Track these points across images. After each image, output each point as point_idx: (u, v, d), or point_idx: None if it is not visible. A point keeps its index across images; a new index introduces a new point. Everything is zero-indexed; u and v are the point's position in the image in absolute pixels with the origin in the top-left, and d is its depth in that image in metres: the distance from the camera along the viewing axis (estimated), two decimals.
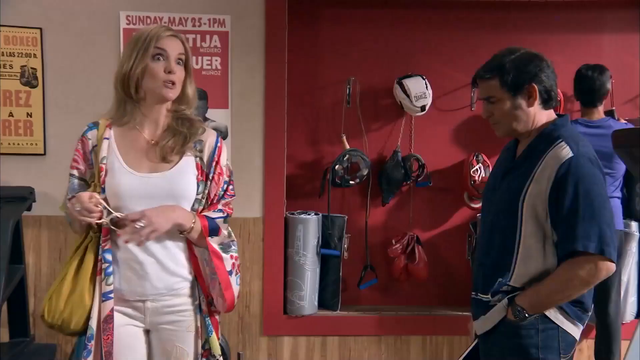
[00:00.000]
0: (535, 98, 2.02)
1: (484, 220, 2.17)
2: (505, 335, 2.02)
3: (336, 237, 4.05)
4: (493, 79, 2.06)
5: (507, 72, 2.02)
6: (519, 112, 2.04)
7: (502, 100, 2.05)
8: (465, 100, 4.15)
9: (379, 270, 4.17)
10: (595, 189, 1.92)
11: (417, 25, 4.13)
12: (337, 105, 4.14)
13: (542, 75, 2.01)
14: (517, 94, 2.02)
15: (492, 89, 2.06)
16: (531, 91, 2.01)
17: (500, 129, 2.11)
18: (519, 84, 2.02)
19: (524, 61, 2.03)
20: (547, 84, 2.02)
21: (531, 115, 2.04)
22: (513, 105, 2.03)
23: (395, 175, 4.06)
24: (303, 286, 4.01)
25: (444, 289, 4.25)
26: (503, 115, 2.06)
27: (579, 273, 1.91)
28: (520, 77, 2.01)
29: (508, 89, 2.03)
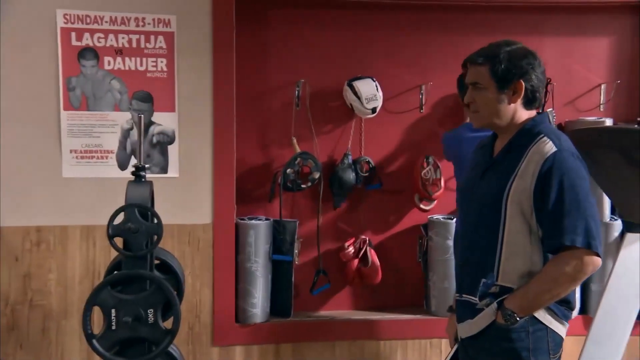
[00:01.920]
0: (519, 95, 1.95)
1: (465, 220, 2.08)
2: (494, 339, 1.93)
3: (288, 242, 3.91)
4: (484, 65, 1.98)
5: (499, 63, 1.95)
6: (501, 106, 1.97)
7: (487, 90, 1.98)
8: (414, 103, 4.08)
9: (332, 274, 4.05)
10: (580, 182, 1.86)
11: (366, 26, 4.03)
12: (287, 107, 4.00)
13: (532, 74, 1.95)
14: (504, 87, 1.96)
15: (481, 75, 1.99)
16: (517, 87, 1.95)
17: (478, 119, 2.04)
18: (507, 78, 1.95)
19: (518, 56, 1.97)
20: (534, 83, 1.96)
21: (511, 112, 1.97)
22: (496, 98, 1.96)
23: (347, 178, 3.95)
24: (255, 293, 3.84)
25: (396, 292, 4.16)
26: (484, 105, 1.99)
27: (565, 269, 1.84)
28: (511, 70, 1.95)
29: (496, 79, 1.95)
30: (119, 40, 3.72)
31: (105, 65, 3.71)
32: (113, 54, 3.72)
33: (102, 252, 3.67)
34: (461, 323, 2.04)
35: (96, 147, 3.71)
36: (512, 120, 1.97)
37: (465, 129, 3.57)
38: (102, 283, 2.65)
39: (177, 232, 3.70)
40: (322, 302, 4.12)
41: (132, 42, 3.72)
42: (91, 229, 3.66)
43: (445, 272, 3.91)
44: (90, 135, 3.71)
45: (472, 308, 1.98)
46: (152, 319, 2.62)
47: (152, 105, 3.74)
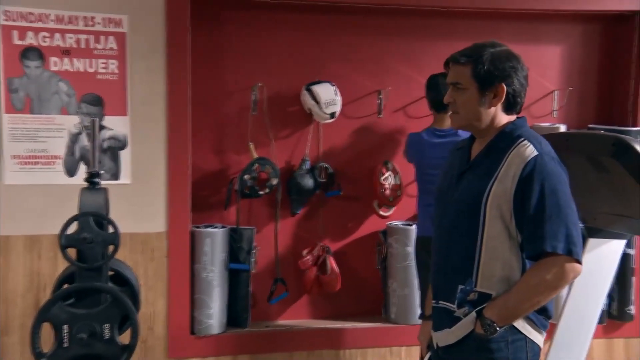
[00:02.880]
0: (500, 99, 1.90)
1: (440, 224, 2.01)
2: (472, 349, 1.86)
3: (245, 250, 3.78)
4: (466, 65, 1.91)
5: (482, 64, 1.89)
6: (481, 109, 1.91)
7: (468, 91, 1.91)
8: (372, 107, 4.02)
9: (290, 283, 3.94)
10: (561, 187, 1.82)
11: (324, 30, 3.95)
12: (243, 112, 3.88)
13: (514, 78, 1.89)
14: (485, 90, 1.90)
15: (462, 75, 1.92)
16: (499, 91, 1.89)
17: (457, 120, 1.97)
18: (489, 80, 1.89)
19: (501, 58, 1.91)
20: (516, 88, 1.90)
21: (491, 115, 1.91)
22: (477, 100, 1.90)
23: (305, 185, 3.85)
24: (211, 304, 3.70)
25: (356, 300, 4.08)
26: (464, 106, 1.93)
27: (546, 277, 1.79)
28: (493, 73, 1.88)
29: (478, 81, 1.89)
30: (66, 40, 3.52)
31: (51, 66, 3.50)
32: (60, 55, 3.52)
33: (48, 263, 3.46)
34: (438, 331, 1.97)
35: (41, 152, 3.50)
36: (492, 124, 1.91)
37: (430, 134, 3.53)
38: (53, 297, 2.47)
39: (129, 241, 3.52)
40: (280, 311, 4.00)
41: (80, 42, 3.54)
42: (36, 239, 3.45)
43: (406, 279, 3.86)
44: (34, 139, 3.50)
45: (450, 316, 1.91)
46: (108, 335, 2.46)
47: (103, 108, 3.56)
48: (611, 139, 2.16)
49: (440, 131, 3.50)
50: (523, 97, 1.93)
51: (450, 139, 3.37)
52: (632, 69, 4.10)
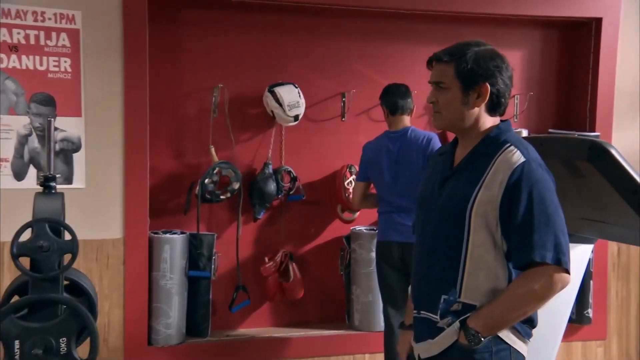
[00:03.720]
0: (484, 99, 1.82)
1: (423, 232, 1.93)
2: None
3: (205, 257, 3.65)
4: (449, 64, 1.83)
5: (466, 62, 1.81)
6: (464, 109, 1.83)
7: (451, 90, 1.83)
8: (336, 110, 3.95)
9: (252, 290, 3.82)
10: (549, 195, 1.76)
11: (286, 31, 3.85)
12: (204, 114, 3.75)
13: (498, 78, 1.82)
14: (468, 89, 1.83)
15: (445, 74, 1.83)
16: (482, 90, 1.82)
17: (439, 120, 1.88)
18: (472, 79, 1.82)
19: (486, 57, 1.84)
20: (500, 88, 1.83)
21: (474, 116, 1.85)
22: (460, 99, 1.82)
23: (267, 189, 3.75)
24: (170, 313, 3.55)
25: (319, 307, 3.99)
26: (446, 106, 1.84)
27: (533, 287, 1.72)
28: (477, 72, 1.81)
29: (461, 80, 1.82)
30: (14, 35, 3.33)
31: None
32: (7, 51, 3.33)
33: None
34: (420, 342, 1.89)
35: None
36: (475, 125, 1.85)
37: (384, 138, 3.45)
38: (3, 310, 2.30)
39: (83, 248, 3.26)
40: (241, 319, 3.88)
41: (29, 38, 3.35)
42: None
43: (370, 285, 3.79)
44: None
45: (432, 326, 1.84)
46: (65, 349, 2.30)
47: (55, 109, 3.38)
48: (587, 143, 2.14)
49: (394, 133, 3.45)
50: (507, 98, 1.87)
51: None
52: (589, 74, 4.14)
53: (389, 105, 3.46)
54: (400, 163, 3.34)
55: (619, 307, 4.20)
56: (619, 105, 4.07)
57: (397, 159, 3.35)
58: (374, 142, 3.49)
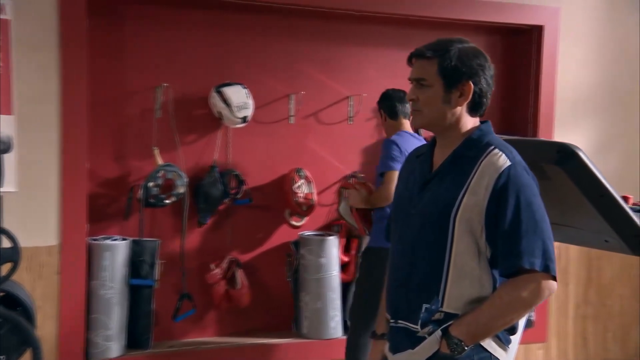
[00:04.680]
0: (466, 98, 1.76)
1: (401, 238, 1.84)
2: None
3: (148, 264, 3.46)
4: (432, 60, 1.75)
5: (450, 59, 1.74)
6: (445, 107, 1.76)
7: (433, 88, 1.75)
8: (284, 113, 3.83)
9: (197, 298, 3.64)
10: (535, 200, 1.71)
11: (233, 29, 3.70)
12: (147, 114, 3.55)
13: (481, 77, 1.76)
14: (451, 87, 1.76)
15: (427, 71, 1.75)
16: (465, 89, 1.76)
17: (419, 118, 1.80)
18: (456, 77, 1.75)
19: (469, 55, 1.77)
20: (483, 87, 1.77)
21: (455, 115, 1.78)
22: (442, 98, 1.75)
23: (213, 193, 3.59)
24: (110, 324, 3.34)
25: (266, 315, 3.85)
26: (427, 104, 1.77)
27: (521, 295, 1.66)
28: (460, 69, 1.74)
29: (444, 77, 1.75)
30: None
31: None
32: None
33: None
34: (398, 353, 1.80)
35: None
36: (456, 126, 1.78)
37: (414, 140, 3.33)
38: None
39: None
40: (185, 329, 3.69)
41: None
42: None
43: (319, 291, 3.69)
44: None
45: (412, 336, 1.75)
46: None
47: None
48: (555, 145, 2.12)
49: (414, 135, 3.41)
50: (488, 99, 1.81)
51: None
52: (531, 81, 4.20)
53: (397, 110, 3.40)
54: None
55: (558, 309, 4.27)
56: (560, 112, 4.14)
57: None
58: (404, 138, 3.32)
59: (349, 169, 3.93)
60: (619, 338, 4.38)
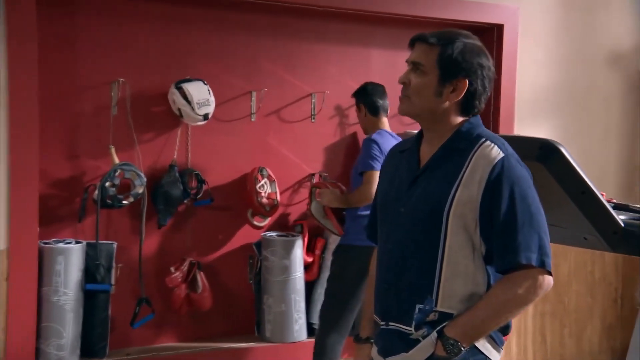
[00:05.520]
0: (457, 95, 1.67)
1: (390, 237, 1.74)
2: None
3: (104, 268, 3.28)
4: (434, 48, 1.66)
5: (452, 51, 1.66)
6: (435, 99, 1.68)
7: (428, 76, 1.66)
8: (245, 110, 3.70)
9: (156, 303, 3.46)
10: (530, 192, 1.64)
11: (192, 24, 3.54)
12: (102, 111, 3.36)
13: (479, 78, 1.67)
14: (445, 80, 1.67)
15: (427, 57, 1.67)
16: (459, 86, 1.67)
17: (407, 106, 1.71)
18: (453, 70, 1.66)
19: (473, 51, 1.67)
20: (478, 89, 1.67)
21: (444, 110, 1.69)
22: (434, 88, 1.67)
23: (173, 193, 3.43)
24: (63, 332, 3.15)
25: (227, 319, 3.70)
26: (418, 92, 1.68)
27: (518, 292, 1.59)
28: (460, 64, 1.66)
29: (441, 68, 1.66)
30: None
31: None
32: None
33: None
34: (390, 357, 1.71)
35: None
36: (444, 121, 1.69)
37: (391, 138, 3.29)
38: None
39: None
40: (144, 335, 3.51)
41: None
42: None
43: (283, 294, 3.57)
44: None
45: (405, 339, 1.66)
46: None
47: None
48: (538, 142, 2.07)
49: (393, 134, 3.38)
50: (482, 102, 1.71)
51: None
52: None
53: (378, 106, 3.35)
54: None
55: None
56: (520, 111, 4.15)
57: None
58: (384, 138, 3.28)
59: (312, 168, 3.83)
60: (575, 334, 4.42)
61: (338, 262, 3.26)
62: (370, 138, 3.21)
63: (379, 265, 1.79)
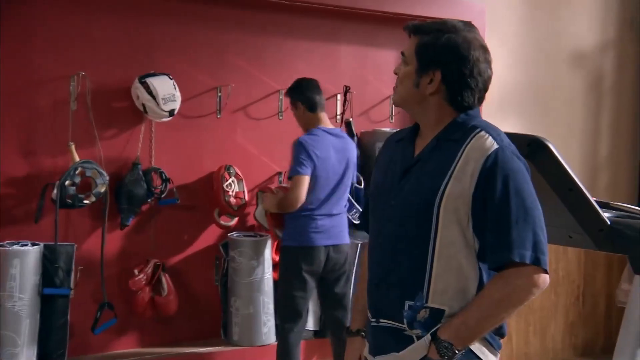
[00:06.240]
0: (434, 87, 1.59)
1: (381, 231, 1.65)
2: None
3: (63, 271, 3.10)
4: (414, 37, 1.61)
5: (429, 42, 1.57)
6: (415, 90, 1.61)
7: (409, 66, 1.61)
8: (211, 106, 3.57)
9: (119, 307, 3.29)
10: (526, 187, 1.56)
11: (157, 16, 3.39)
12: (61, 106, 3.18)
13: (455, 70, 1.57)
14: (421, 71, 1.59)
15: (409, 47, 1.62)
16: (435, 77, 1.59)
17: (394, 95, 1.69)
18: (429, 62, 1.58)
19: (454, 43, 1.56)
20: (462, 81, 1.58)
21: (430, 102, 1.60)
22: (413, 79, 1.60)
23: (136, 192, 3.27)
24: (18, 340, 2.96)
25: (193, 322, 3.56)
26: (401, 81, 1.63)
27: (512, 291, 1.52)
28: (434, 56, 1.57)
29: (418, 58, 1.59)
30: None
31: None
32: None
33: None
34: (381, 355, 1.62)
35: None
36: (432, 112, 1.61)
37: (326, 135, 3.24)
38: None
39: None
40: (105, 341, 3.34)
41: None
42: None
43: (251, 295, 3.45)
44: None
45: (396, 336, 1.58)
46: None
47: None
48: (526, 138, 2.01)
49: (333, 130, 3.30)
50: (474, 94, 1.61)
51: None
52: None
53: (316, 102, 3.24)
54: (343, 165, 3.22)
55: None
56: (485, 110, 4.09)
57: (341, 159, 3.21)
58: (317, 137, 3.18)
59: (280, 166, 3.72)
60: (539, 332, 4.44)
61: (280, 264, 3.29)
62: (298, 141, 3.14)
63: (369, 259, 1.71)
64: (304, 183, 3.05)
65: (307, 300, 3.25)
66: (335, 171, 3.18)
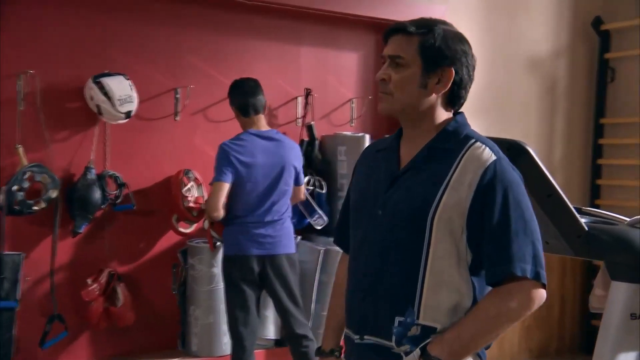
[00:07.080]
0: (444, 86, 1.51)
1: (366, 241, 1.55)
2: None
3: (10, 282, 2.90)
4: (412, 37, 1.50)
5: (434, 39, 1.49)
6: (420, 92, 1.51)
7: (410, 68, 1.50)
8: (169, 108, 3.41)
9: (70, 319, 3.11)
10: (524, 199, 1.49)
11: (112, 12, 3.22)
12: (8, 106, 2.98)
13: (464, 66, 1.52)
14: (429, 70, 1.51)
15: (406, 48, 1.50)
16: (445, 75, 1.50)
17: (389, 103, 1.54)
18: (437, 59, 1.50)
19: (455, 38, 1.52)
20: (464, 78, 1.52)
21: (430, 104, 1.52)
22: (418, 81, 1.50)
23: (90, 198, 3.09)
24: None
25: (149, 333, 3.38)
26: (401, 86, 1.51)
27: (510, 306, 1.44)
28: (443, 52, 1.49)
29: (424, 58, 1.49)
30: None
31: None
32: None
33: None
34: None
35: None
36: (429, 117, 1.53)
37: (256, 139, 3.06)
38: None
39: None
40: (55, 355, 3.15)
41: None
42: None
43: (211, 305, 3.31)
44: None
45: (383, 354, 1.49)
46: None
47: None
48: (505, 143, 1.96)
49: (265, 133, 3.11)
50: (467, 92, 1.58)
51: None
52: None
53: (247, 105, 3.07)
54: (276, 169, 3.03)
55: None
56: None
57: (274, 164, 3.03)
58: (242, 142, 3.02)
59: None
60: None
61: (222, 274, 3.14)
62: (221, 147, 2.99)
63: (352, 272, 1.61)
64: (221, 190, 2.91)
65: (250, 321, 3.03)
66: (266, 176, 3.01)
